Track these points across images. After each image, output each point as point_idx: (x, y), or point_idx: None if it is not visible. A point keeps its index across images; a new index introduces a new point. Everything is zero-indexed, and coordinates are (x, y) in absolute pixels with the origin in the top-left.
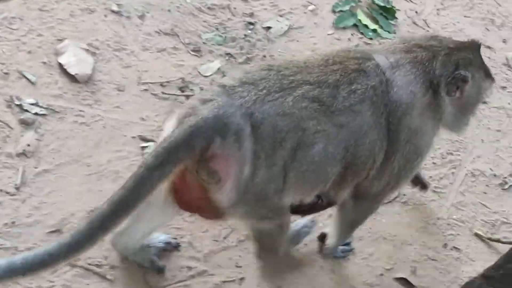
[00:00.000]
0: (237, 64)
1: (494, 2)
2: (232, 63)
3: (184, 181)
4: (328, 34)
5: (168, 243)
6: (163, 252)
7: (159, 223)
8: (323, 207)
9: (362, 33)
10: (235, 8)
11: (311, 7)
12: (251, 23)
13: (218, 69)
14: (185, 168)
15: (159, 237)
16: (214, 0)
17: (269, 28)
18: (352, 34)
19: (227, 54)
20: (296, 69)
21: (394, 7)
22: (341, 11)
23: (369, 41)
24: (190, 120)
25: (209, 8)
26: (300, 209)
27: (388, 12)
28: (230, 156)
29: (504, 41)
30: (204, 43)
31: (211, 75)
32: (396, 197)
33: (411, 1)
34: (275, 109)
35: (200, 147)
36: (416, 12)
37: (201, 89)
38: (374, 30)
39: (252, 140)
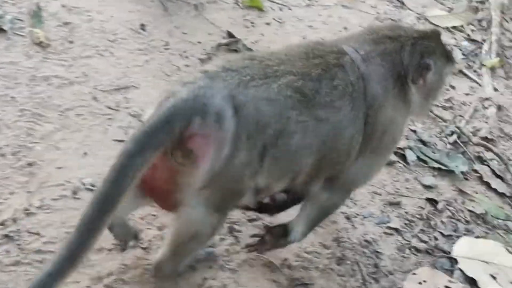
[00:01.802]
0: None
1: None
2: None
3: (154, 165)
4: None
5: None
6: None
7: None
8: (291, 204)
9: None
10: None
11: None
12: None
13: None
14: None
15: None
16: None
17: None
18: None
19: None
20: (279, 61)
21: None
22: None
23: None
24: (169, 102)
25: None
26: (268, 208)
27: None
28: (210, 136)
29: None
30: None
31: None
32: None
33: None
34: (260, 94)
35: (179, 128)
36: None
37: None
38: None
39: (234, 122)
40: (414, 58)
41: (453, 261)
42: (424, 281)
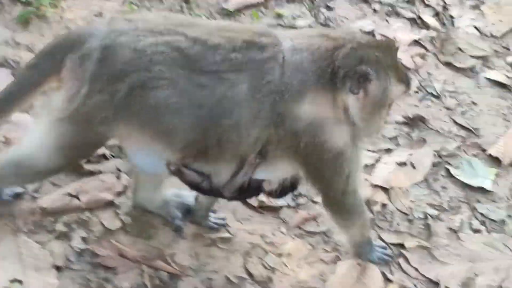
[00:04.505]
0: None
1: None
2: None
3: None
4: None
5: (187, 202)
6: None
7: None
8: (206, 191)
9: None
10: None
11: None
12: None
13: None
14: None
15: (182, 193)
16: None
17: None
18: None
19: None
20: (187, 23)
21: None
22: None
23: None
24: (65, 34)
25: None
26: (182, 177)
27: None
28: (71, 70)
29: None
30: None
31: None
32: None
33: None
34: (129, 43)
35: (60, 57)
36: None
37: None
38: None
39: (95, 64)
40: (349, 62)
41: None
42: None
